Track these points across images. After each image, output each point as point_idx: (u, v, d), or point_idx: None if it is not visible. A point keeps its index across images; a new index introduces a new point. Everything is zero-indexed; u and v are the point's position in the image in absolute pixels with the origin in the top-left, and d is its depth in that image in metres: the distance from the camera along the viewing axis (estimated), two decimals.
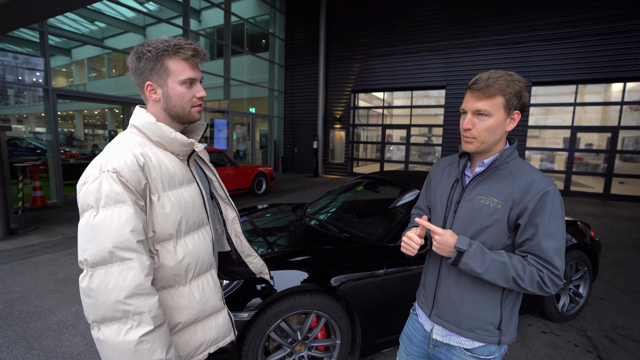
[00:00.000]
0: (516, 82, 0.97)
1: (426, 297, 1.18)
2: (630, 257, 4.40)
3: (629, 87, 8.63)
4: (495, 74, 0.98)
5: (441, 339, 1.12)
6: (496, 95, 0.97)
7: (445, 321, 1.10)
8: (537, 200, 0.95)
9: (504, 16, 9.28)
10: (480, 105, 0.98)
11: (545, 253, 0.94)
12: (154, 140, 0.92)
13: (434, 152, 11.26)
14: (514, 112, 1.00)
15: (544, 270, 0.94)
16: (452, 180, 1.13)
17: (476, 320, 1.05)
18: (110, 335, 0.77)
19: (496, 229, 1.00)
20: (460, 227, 1.07)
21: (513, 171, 1.02)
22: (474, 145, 1.02)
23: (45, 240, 4.37)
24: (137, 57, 0.89)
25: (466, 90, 1.03)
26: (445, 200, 1.13)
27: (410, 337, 1.23)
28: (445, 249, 1.00)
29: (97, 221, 0.77)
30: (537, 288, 0.95)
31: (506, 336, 1.06)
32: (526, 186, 0.98)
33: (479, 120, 1.00)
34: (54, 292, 3.00)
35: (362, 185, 3.05)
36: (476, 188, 1.06)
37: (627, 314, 2.89)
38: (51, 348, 2.23)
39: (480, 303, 1.04)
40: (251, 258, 1.22)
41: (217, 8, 10.90)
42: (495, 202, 1.00)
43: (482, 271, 0.96)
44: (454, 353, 1.10)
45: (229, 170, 7.15)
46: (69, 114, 17.02)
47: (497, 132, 1.00)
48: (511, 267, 0.94)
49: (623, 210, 7.55)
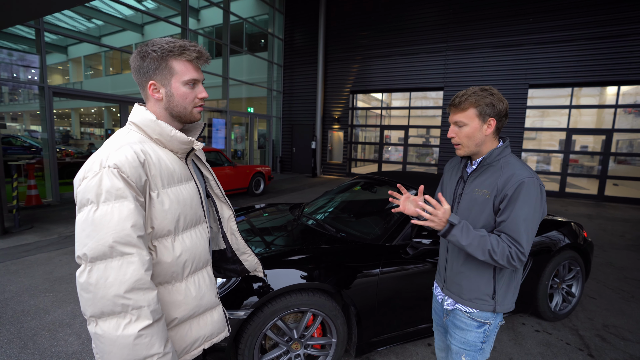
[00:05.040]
0: (488, 96, 1.17)
1: (439, 273, 1.44)
2: (622, 257, 4.45)
3: (623, 91, 8.72)
4: (470, 90, 1.20)
5: (449, 308, 1.35)
6: (468, 108, 1.19)
7: (452, 292, 1.33)
8: (515, 189, 1.13)
9: (501, 19, 9.35)
10: (457, 118, 1.22)
11: (514, 232, 1.12)
12: (153, 137, 0.93)
13: (432, 153, 11.31)
14: (489, 119, 1.19)
15: (512, 247, 1.12)
16: (458, 177, 1.35)
17: (473, 291, 1.26)
18: (108, 330, 0.77)
19: (486, 214, 1.20)
20: (461, 215, 1.28)
21: (502, 167, 1.21)
22: (462, 150, 1.25)
23: (40, 239, 4.34)
24: (141, 56, 0.91)
25: (448, 108, 1.26)
26: (452, 193, 1.36)
27: (436, 311, 1.49)
28: (439, 221, 1.16)
29: (98, 216, 0.77)
30: (506, 261, 1.12)
31: (502, 305, 1.25)
32: (508, 177, 1.16)
33: (459, 130, 1.22)
34: (49, 291, 2.99)
35: (359, 185, 3.07)
36: (473, 182, 1.26)
37: (618, 313, 2.93)
38: (46, 347, 2.22)
39: (475, 277, 1.25)
40: (246, 256, 1.23)
41: (216, 7, 10.89)
42: (485, 193, 1.21)
43: (467, 244, 1.14)
44: (456, 318, 1.32)
45: (227, 170, 7.14)
46: (65, 112, 16.91)
47: (476, 137, 1.21)
48: (488, 241, 1.13)
49: (616, 212, 7.63)
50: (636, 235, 5.61)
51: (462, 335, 1.29)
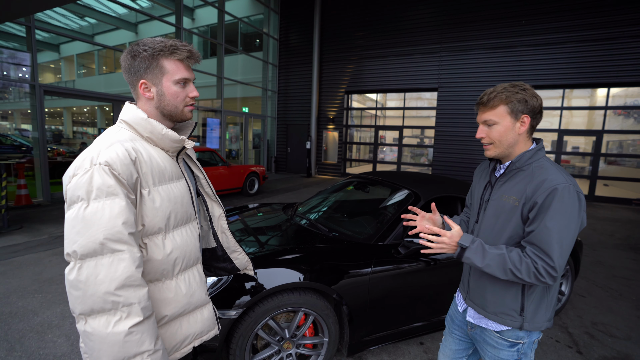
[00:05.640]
0: (520, 91, 1.08)
1: (463, 282, 1.34)
2: (611, 256, 4.53)
3: (613, 93, 8.86)
4: (499, 87, 1.11)
5: (473, 321, 1.25)
6: (498, 105, 1.10)
7: (475, 304, 1.23)
8: (546, 196, 1.01)
9: (494, 21, 9.44)
10: (486, 116, 1.13)
11: (543, 244, 1.00)
12: (144, 136, 0.93)
13: (426, 154, 11.38)
14: (522, 116, 1.09)
15: (539, 262, 1.00)
16: (486, 181, 1.26)
17: (499, 305, 1.15)
18: (98, 327, 0.77)
19: (514, 223, 1.10)
20: (487, 223, 1.18)
21: (534, 171, 1.09)
22: (492, 151, 1.15)
23: (29, 240, 4.28)
24: (132, 55, 0.91)
25: (476, 107, 1.18)
26: (479, 199, 1.27)
27: (452, 318, 1.40)
28: (448, 247, 1.10)
29: (88, 213, 0.77)
30: (534, 278, 1.01)
31: (531, 323, 1.12)
32: (539, 183, 1.05)
33: (489, 129, 1.13)
34: (38, 292, 2.94)
35: (353, 185, 3.08)
36: (501, 188, 1.16)
37: (607, 311, 2.98)
38: (34, 349, 2.19)
39: (501, 291, 1.14)
40: (236, 254, 1.23)
41: (211, 7, 10.85)
42: (513, 200, 1.10)
43: (483, 265, 1.06)
44: (487, 335, 1.21)
45: (221, 169, 7.10)
46: (58, 111, 16.71)
47: (509, 137, 1.11)
48: (508, 260, 1.03)
49: (606, 212, 7.75)
50: (625, 235, 5.71)
51: (494, 353, 1.20)
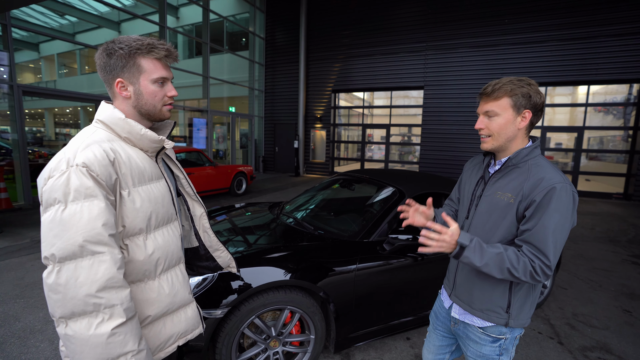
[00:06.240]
0: (525, 85, 1.07)
1: (448, 279, 1.33)
2: (592, 249, 4.68)
3: (593, 90, 9.13)
4: (504, 79, 1.09)
5: (458, 317, 1.25)
6: (502, 97, 1.08)
7: (461, 301, 1.23)
8: (544, 195, 1.01)
9: (478, 20, 9.60)
10: (488, 107, 1.10)
11: (540, 243, 1.00)
12: (122, 136, 0.92)
13: (414, 152, 11.50)
14: (524, 111, 1.08)
15: (536, 261, 1.00)
16: (478, 177, 1.24)
17: (486, 302, 1.15)
18: (79, 330, 0.76)
19: (508, 221, 1.09)
20: (479, 219, 1.17)
21: (530, 169, 1.09)
22: (489, 143, 1.13)
23: (10, 244, 4.16)
24: (107, 53, 0.89)
25: (478, 97, 1.16)
26: (470, 195, 1.25)
27: (437, 314, 1.40)
28: (447, 245, 1.05)
29: (66, 215, 0.76)
30: (529, 277, 1.01)
31: (516, 320, 1.14)
32: (537, 181, 1.04)
33: (489, 120, 1.11)
34: (19, 297, 2.87)
35: (339, 183, 3.10)
36: (495, 184, 1.15)
37: (587, 302, 3.08)
38: (16, 355, 2.14)
39: (489, 288, 1.14)
40: (219, 252, 1.23)
41: (195, 5, 10.70)
42: (508, 197, 1.09)
43: (481, 264, 1.03)
44: (469, 330, 1.22)
45: (208, 170, 7.03)
46: (39, 112, 16.23)
47: (508, 130, 1.09)
48: (506, 258, 1.02)
49: (588, 206, 7.99)
50: (605, 228, 5.90)
51: (477, 348, 1.20)
